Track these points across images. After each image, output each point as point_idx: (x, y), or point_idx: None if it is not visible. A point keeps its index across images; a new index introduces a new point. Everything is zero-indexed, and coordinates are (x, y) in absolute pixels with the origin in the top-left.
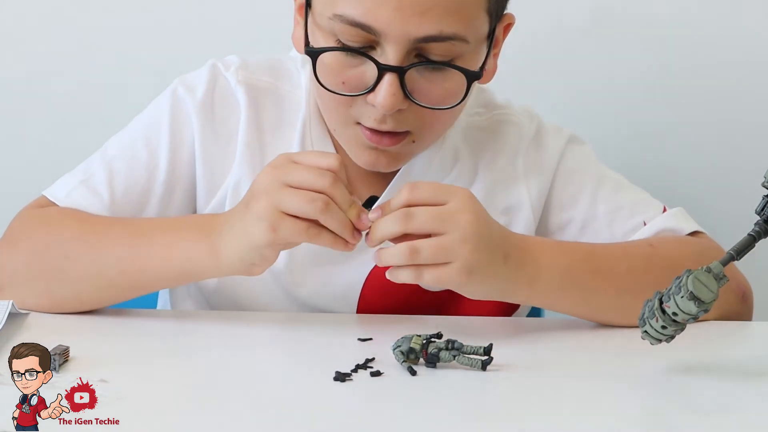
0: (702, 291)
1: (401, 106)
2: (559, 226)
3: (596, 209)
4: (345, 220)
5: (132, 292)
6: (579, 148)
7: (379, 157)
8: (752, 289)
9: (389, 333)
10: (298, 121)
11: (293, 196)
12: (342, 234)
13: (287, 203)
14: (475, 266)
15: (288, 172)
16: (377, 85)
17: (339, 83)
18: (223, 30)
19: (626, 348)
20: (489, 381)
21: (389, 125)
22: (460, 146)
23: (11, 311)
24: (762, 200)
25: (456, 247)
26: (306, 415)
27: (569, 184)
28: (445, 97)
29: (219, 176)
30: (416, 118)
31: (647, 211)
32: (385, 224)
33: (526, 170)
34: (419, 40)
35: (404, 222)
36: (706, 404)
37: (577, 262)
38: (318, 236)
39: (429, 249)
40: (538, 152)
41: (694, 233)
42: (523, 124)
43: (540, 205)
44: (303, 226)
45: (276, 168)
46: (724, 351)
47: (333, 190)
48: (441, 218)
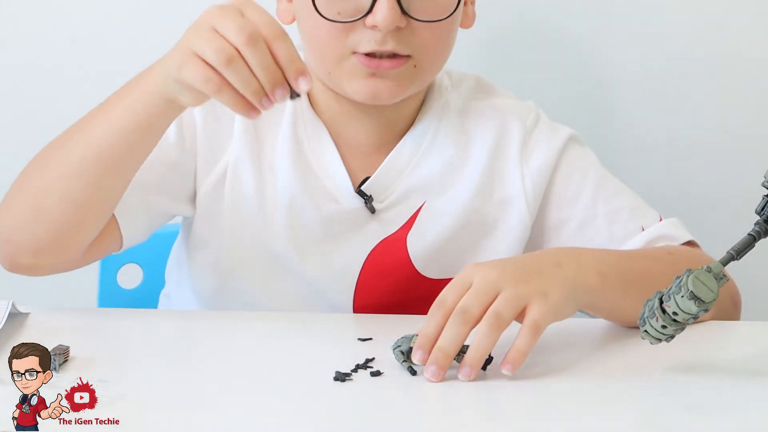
0: (702, 290)
1: (400, 23)
2: (557, 223)
3: (596, 209)
4: (250, 81)
5: (111, 174)
6: (581, 148)
7: (379, 85)
8: (749, 291)
9: (389, 333)
10: (288, 104)
11: (206, 39)
12: (245, 94)
13: (196, 44)
14: (543, 290)
15: (221, 16)
16: (374, 6)
17: (335, 14)
18: None
19: (626, 348)
20: (489, 381)
21: (390, 45)
22: (454, 127)
23: (11, 311)
24: (762, 200)
25: (517, 291)
26: (306, 415)
27: (570, 183)
28: (440, 12)
29: (218, 153)
30: (415, 38)
31: (645, 218)
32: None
33: (523, 161)
34: None
35: (467, 319)
36: (706, 404)
37: (621, 262)
38: (219, 91)
39: (503, 305)
40: (536, 143)
41: (689, 243)
42: (522, 114)
43: (536, 200)
44: (204, 75)
45: (218, 9)
46: (724, 351)
47: (246, 48)
48: (482, 291)
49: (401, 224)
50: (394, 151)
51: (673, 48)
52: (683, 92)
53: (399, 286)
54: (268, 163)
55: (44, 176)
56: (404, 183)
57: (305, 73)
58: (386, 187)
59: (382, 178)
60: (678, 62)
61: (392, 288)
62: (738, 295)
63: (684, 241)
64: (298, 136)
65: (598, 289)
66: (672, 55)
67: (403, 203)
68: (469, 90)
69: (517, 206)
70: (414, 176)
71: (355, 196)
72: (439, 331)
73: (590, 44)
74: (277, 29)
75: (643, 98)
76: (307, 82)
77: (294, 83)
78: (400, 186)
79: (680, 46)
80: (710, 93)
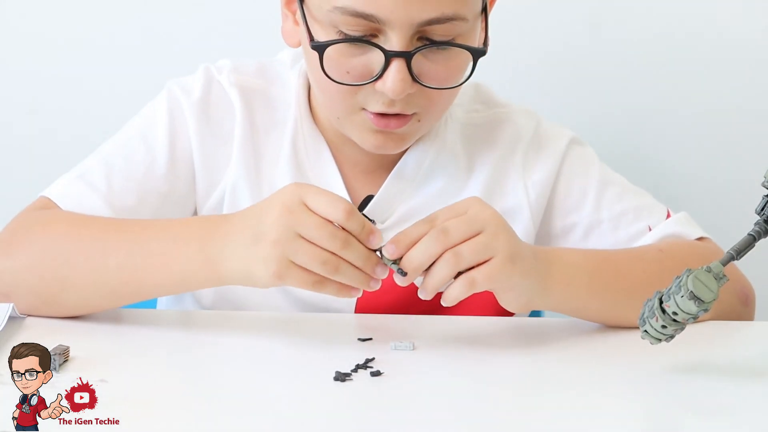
0: (702, 291)
1: (410, 90)
2: (562, 230)
3: (600, 214)
4: (357, 275)
5: (133, 298)
6: (581, 150)
7: (386, 140)
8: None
9: (389, 333)
10: (289, 121)
11: (306, 253)
12: (356, 285)
13: (299, 257)
14: (515, 253)
15: (301, 222)
16: (385, 72)
17: (344, 73)
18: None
19: (626, 348)
20: (489, 381)
21: (398, 108)
22: (456, 143)
23: (11, 314)
24: (762, 200)
25: (493, 240)
26: (306, 415)
27: (573, 188)
28: (452, 76)
29: (217, 176)
30: (423, 98)
31: (652, 216)
32: (423, 248)
33: (525, 171)
34: (422, 24)
35: (443, 239)
36: (706, 404)
37: (601, 264)
38: (324, 288)
39: (469, 248)
40: (537, 153)
41: (700, 239)
42: (522, 123)
43: (540, 208)
44: (310, 280)
45: (290, 212)
46: (724, 351)
47: (345, 252)
48: (471, 222)
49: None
50: (396, 171)
51: (673, 47)
52: (683, 92)
53: (401, 302)
54: (268, 182)
55: (64, 272)
56: (407, 204)
57: (381, 236)
58: (388, 208)
59: (384, 200)
60: (679, 61)
61: (394, 304)
62: (749, 290)
63: (694, 238)
64: (298, 153)
65: (565, 299)
66: (672, 54)
67: (405, 223)
68: (469, 100)
69: (522, 217)
70: (417, 197)
71: None
72: (418, 239)
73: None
74: (346, 209)
75: (643, 98)
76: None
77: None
78: (403, 207)
79: (679, 43)
80: (710, 93)
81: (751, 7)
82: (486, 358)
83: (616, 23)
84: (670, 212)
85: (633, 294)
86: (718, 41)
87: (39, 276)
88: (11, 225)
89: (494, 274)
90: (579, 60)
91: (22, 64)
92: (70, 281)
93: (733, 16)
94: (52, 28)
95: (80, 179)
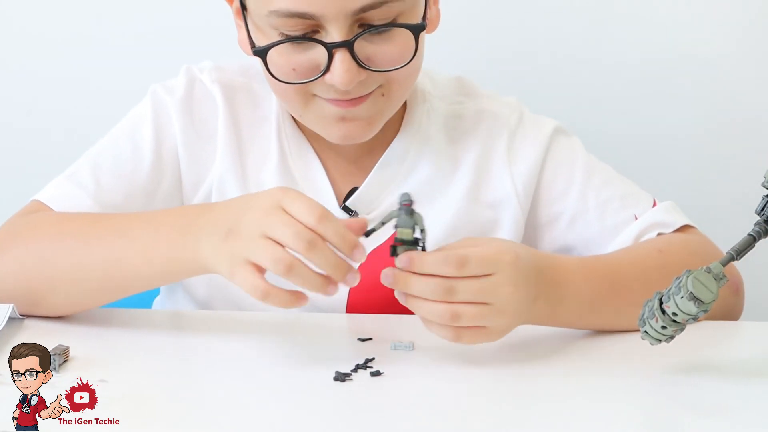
0: (702, 291)
1: (359, 77)
2: (548, 219)
3: (586, 202)
4: (313, 279)
5: (121, 292)
6: (566, 140)
7: (351, 127)
8: (749, 291)
9: (389, 333)
10: (272, 117)
11: (263, 251)
12: (310, 289)
13: (256, 256)
14: (508, 327)
15: (271, 223)
16: (330, 65)
17: (290, 72)
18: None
19: (626, 348)
20: (488, 381)
21: (353, 94)
22: (439, 135)
23: (11, 315)
24: (762, 200)
25: (496, 316)
26: (306, 415)
27: (558, 177)
28: (399, 56)
29: (203, 172)
30: (379, 78)
31: (639, 205)
32: (424, 290)
33: (511, 161)
34: (357, 11)
35: (448, 296)
36: (706, 404)
37: (599, 288)
38: (268, 297)
39: (470, 314)
40: (522, 142)
41: (685, 227)
42: (506, 114)
43: (527, 198)
44: (260, 286)
45: (265, 213)
46: (724, 351)
47: (311, 254)
48: (483, 291)
49: (389, 236)
50: (380, 163)
51: (672, 43)
52: (683, 92)
53: (389, 297)
54: (254, 176)
55: (49, 272)
56: (392, 195)
57: (358, 245)
58: (373, 200)
59: (368, 192)
60: (678, 59)
61: (383, 300)
62: (739, 281)
63: (678, 226)
64: (283, 148)
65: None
66: (673, 53)
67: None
68: (452, 92)
69: (510, 207)
70: (402, 188)
71: (341, 212)
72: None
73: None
74: (320, 214)
75: (642, 97)
76: (361, 253)
77: (354, 257)
78: (388, 199)
79: (680, 42)
80: (710, 93)
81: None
82: (485, 357)
83: (615, 25)
84: (656, 201)
85: (629, 307)
86: (719, 42)
87: (25, 279)
88: (1, 230)
89: (481, 342)
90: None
91: (20, 64)
92: (55, 281)
93: (732, 12)
94: (52, 29)
95: (69, 180)
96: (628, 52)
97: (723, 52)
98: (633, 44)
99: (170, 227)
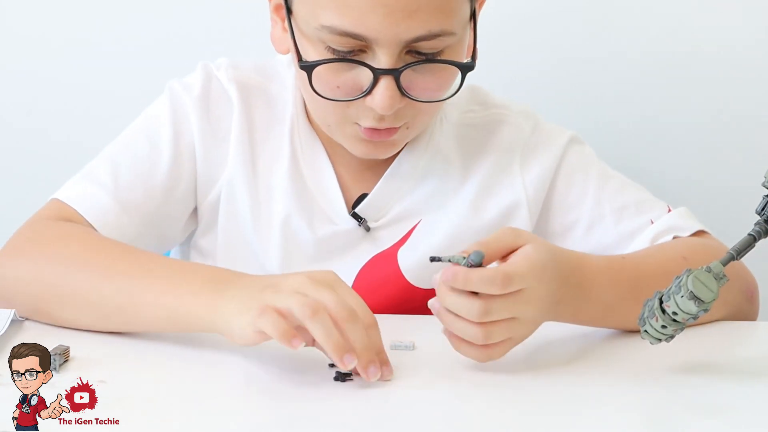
0: (702, 291)
1: (399, 105)
2: (563, 227)
3: (602, 209)
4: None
5: (125, 326)
6: (580, 149)
7: (375, 147)
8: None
9: (388, 333)
10: (287, 119)
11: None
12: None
13: (266, 327)
14: (530, 333)
15: (314, 286)
16: (374, 89)
17: (334, 88)
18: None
19: (626, 348)
20: (489, 381)
21: (388, 122)
22: (450, 144)
23: (13, 319)
24: (762, 200)
25: (521, 327)
26: (306, 415)
27: (572, 185)
28: (441, 89)
29: (216, 173)
30: (412, 110)
31: (653, 210)
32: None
33: (523, 170)
34: (409, 41)
35: (483, 316)
36: (706, 404)
37: (623, 292)
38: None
39: (500, 331)
40: (535, 151)
41: (699, 233)
42: (520, 123)
43: (537, 205)
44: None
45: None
46: (725, 351)
47: (347, 324)
48: (516, 303)
49: (395, 241)
50: (390, 171)
51: (673, 44)
52: (683, 92)
53: (392, 299)
54: (264, 182)
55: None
56: (401, 204)
57: (388, 364)
58: (382, 207)
59: (378, 199)
60: (678, 59)
61: (385, 302)
62: (754, 287)
63: (693, 231)
64: (295, 152)
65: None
66: (672, 51)
67: (398, 223)
68: (465, 101)
69: (520, 215)
70: (411, 197)
71: (350, 218)
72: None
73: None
74: (372, 318)
75: (642, 97)
76: (389, 373)
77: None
78: (397, 207)
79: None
80: (710, 93)
81: (751, 12)
82: None
83: (617, 29)
84: (671, 208)
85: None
86: (719, 43)
87: (38, 288)
88: (25, 230)
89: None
90: (580, 66)
91: (20, 64)
92: (67, 299)
93: (733, 18)
94: (52, 29)
95: (87, 178)
96: (627, 52)
97: (723, 51)
98: (632, 44)
99: (196, 275)
